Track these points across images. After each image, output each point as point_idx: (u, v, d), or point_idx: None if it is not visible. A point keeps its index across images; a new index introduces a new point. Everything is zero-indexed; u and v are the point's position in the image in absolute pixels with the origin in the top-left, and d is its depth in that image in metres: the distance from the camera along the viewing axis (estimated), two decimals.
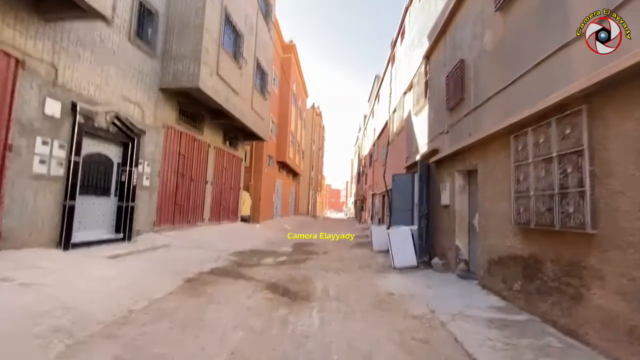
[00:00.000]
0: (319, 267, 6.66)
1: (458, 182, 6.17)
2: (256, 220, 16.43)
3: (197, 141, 9.99)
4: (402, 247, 6.81)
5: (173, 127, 8.78)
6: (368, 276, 5.97)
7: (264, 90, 13.44)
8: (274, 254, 8.33)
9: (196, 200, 10.13)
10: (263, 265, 6.64)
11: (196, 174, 10.06)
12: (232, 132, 12.45)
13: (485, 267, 4.80)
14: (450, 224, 6.35)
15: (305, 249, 9.64)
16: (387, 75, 15.44)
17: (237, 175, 13.38)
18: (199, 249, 7.61)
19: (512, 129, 4.09)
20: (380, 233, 9.76)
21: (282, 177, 22.62)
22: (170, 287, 4.47)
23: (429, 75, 8.37)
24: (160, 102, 8.23)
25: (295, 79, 23.53)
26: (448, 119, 6.72)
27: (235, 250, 8.31)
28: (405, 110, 11.34)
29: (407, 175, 9.90)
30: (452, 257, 6.23)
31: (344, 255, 8.66)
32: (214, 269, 5.86)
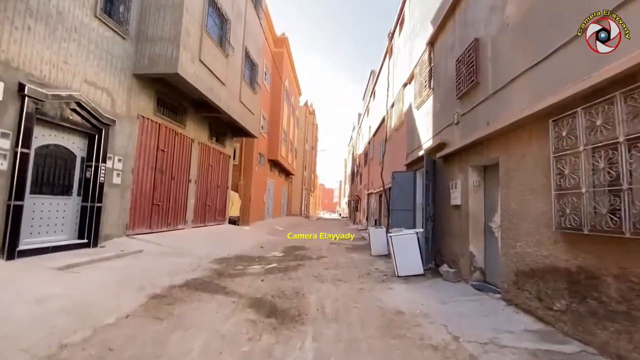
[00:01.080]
0: (313, 276, 5.84)
1: (472, 179, 5.40)
2: (246, 221, 15.53)
3: (178, 135, 9.08)
4: (406, 253, 6.02)
5: (150, 119, 7.87)
6: (370, 287, 5.17)
7: (253, 82, 12.57)
8: (262, 260, 7.48)
9: (178, 200, 9.22)
10: (249, 274, 5.78)
11: (177, 171, 9.15)
12: (218, 127, 11.55)
13: (512, 280, 4.03)
14: (463, 226, 5.59)
15: (298, 253, 8.80)
16: (384, 69, 14.69)
17: (225, 174, 12.48)
18: (177, 255, 6.72)
19: (551, 111, 3.33)
20: (379, 236, 8.99)
21: (274, 176, 21.73)
22: (129, 307, 3.60)
23: (434, 62, 7.61)
24: (134, 90, 7.32)
25: (288, 74, 22.67)
26: (458, 107, 5.96)
27: (219, 256, 7.43)
28: (405, 103, 10.59)
29: (408, 173, 9.13)
30: (464, 264, 5.46)
31: (340, 260, 7.85)
32: (190, 280, 4.98)
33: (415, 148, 8.98)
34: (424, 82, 8.26)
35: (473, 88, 5.35)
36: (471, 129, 5.37)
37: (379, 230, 9.05)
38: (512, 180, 4.14)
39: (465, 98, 5.68)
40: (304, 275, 5.88)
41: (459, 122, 5.95)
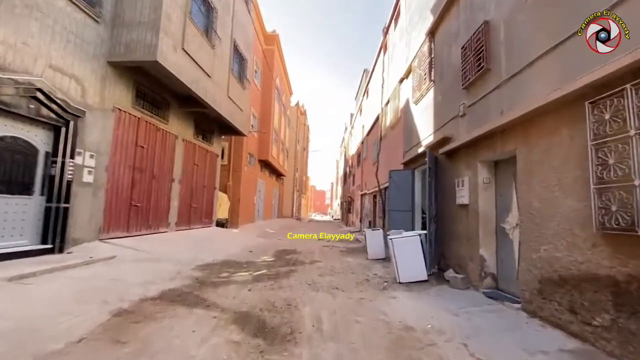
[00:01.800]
0: (307, 284, 5.26)
1: (482, 176, 4.92)
2: (235, 224, 14.84)
3: (160, 131, 8.41)
4: (409, 257, 5.50)
5: (127, 112, 7.20)
6: (370, 296, 4.62)
7: (242, 77, 11.95)
8: (251, 265, 6.86)
9: (159, 201, 8.53)
10: (234, 283, 5.17)
11: (159, 170, 8.47)
12: (205, 124, 10.89)
13: (535, 288, 3.53)
14: (471, 228, 5.09)
15: (290, 257, 8.21)
16: (379, 66, 14.25)
17: (212, 174, 11.81)
18: (155, 261, 6.06)
19: (588, 92, 2.85)
20: (376, 239, 8.46)
21: (265, 177, 21.08)
22: (85, 328, 2.97)
23: (434, 53, 7.15)
24: (109, 79, 6.65)
25: (279, 73, 22.09)
26: (464, 98, 5.49)
27: (203, 262, 6.79)
28: (401, 99, 10.13)
29: (405, 172, 8.65)
30: (474, 269, 4.96)
31: (335, 265, 7.28)
32: (166, 291, 4.35)
33: (414, 145, 8.50)
34: (423, 74, 7.79)
35: (483, 75, 4.88)
36: (480, 121, 4.89)
37: (375, 233, 8.52)
38: (534, 175, 3.66)
39: (473, 87, 5.21)
40: (296, 283, 5.30)
41: (465, 114, 5.47)
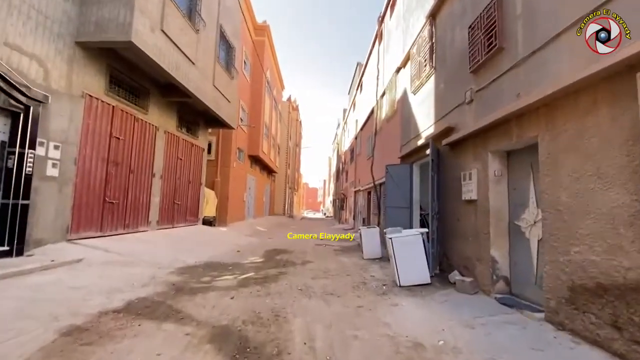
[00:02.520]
0: (298, 289, 4.71)
1: (493, 168, 4.42)
2: (223, 222, 14.19)
3: (138, 122, 7.73)
4: (410, 257, 4.99)
5: (100, 99, 6.51)
6: (369, 303, 4.09)
7: (230, 67, 11.28)
8: (237, 268, 6.28)
9: (138, 197, 7.86)
10: (216, 289, 4.59)
11: (138, 163, 7.79)
12: (189, 115, 10.21)
13: (563, 297, 3.04)
14: (479, 226, 4.60)
15: (280, 258, 7.65)
16: (373, 57, 13.70)
17: (198, 169, 11.14)
18: (129, 265, 5.43)
19: (637, 63, 2.35)
20: (371, 237, 7.96)
21: (255, 173, 20.41)
22: (19, 355, 2.37)
23: (436, 37, 6.63)
24: (78, 62, 5.96)
25: (270, 65, 21.38)
26: (472, 83, 4.98)
27: (184, 264, 6.18)
28: (398, 90, 9.61)
29: (403, 166, 8.14)
30: (483, 272, 4.47)
31: (329, 266, 6.75)
32: (133, 301, 3.75)
33: (412, 138, 7.99)
34: (423, 61, 7.27)
35: (495, 56, 4.37)
36: (491, 107, 4.39)
37: (371, 231, 8.01)
38: (561, 164, 3.16)
39: (482, 70, 4.70)
40: (286, 288, 4.74)
41: (472, 100, 4.96)
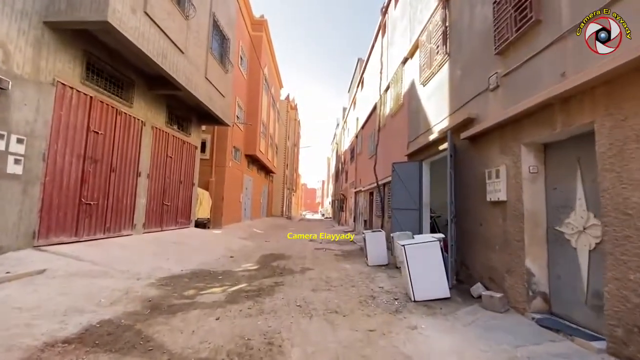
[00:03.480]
0: (296, 305, 4.02)
1: (527, 164, 3.75)
2: (218, 224, 13.49)
3: (122, 115, 7.03)
4: (426, 268, 4.31)
5: (75, 89, 5.81)
6: (382, 325, 3.41)
7: (224, 59, 10.59)
8: (227, 277, 5.58)
9: (121, 198, 7.15)
10: (200, 305, 3.90)
11: (121, 161, 7.09)
12: (180, 110, 9.51)
13: (636, 325, 2.37)
14: (509, 231, 3.93)
15: (277, 264, 6.96)
16: (376, 50, 13.04)
17: (190, 168, 10.44)
18: (101, 275, 4.73)
19: None
20: (377, 242, 7.27)
21: (252, 173, 19.71)
22: None
23: (450, 20, 5.97)
24: (48, 46, 5.26)
25: (268, 62, 20.71)
26: (498, 66, 4.31)
27: (168, 273, 5.49)
28: (404, 83, 8.95)
29: (412, 164, 7.47)
30: (515, 286, 3.79)
31: (331, 275, 6.07)
32: (94, 326, 3.04)
33: (421, 133, 7.33)
34: (434, 49, 6.61)
35: (529, 31, 3.70)
36: (525, 91, 3.72)
37: (376, 235, 7.33)
38: (630, 157, 2.49)
39: (512, 50, 4.03)
40: (283, 304, 4.05)
41: (498, 86, 4.29)
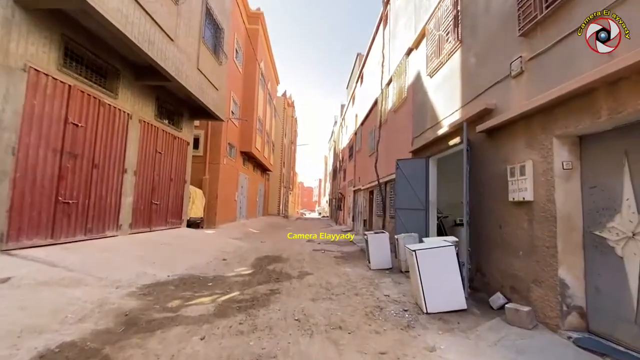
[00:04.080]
0: (295, 319, 3.53)
1: (560, 158, 3.28)
2: (212, 224, 12.98)
3: (105, 107, 6.48)
4: (440, 276, 3.84)
5: (51, 76, 5.26)
6: (394, 346, 2.93)
7: (218, 50, 10.04)
8: (218, 283, 5.08)
9: (104, 196, 6.61)
10: (184, 320, 3.40)
11: (104, 156, 6.54)
12: (170, 103, 8.97)
13: None
14: (537, 236, 3.46)
15: (273, 267, 6.46)
16: (378, 42, 12.54)
17: (181, 165, 9.90)
18: (74, 284, 4.20)
19: None
20: (380, 244, 6.79)
21: (248, 171, 19.17)
22: None
23: (463, 3, 5.48)
24: (18, 27, 4.71)
25: (264, 56, 20.14)
26: (523, 49, 3.84)
27: (153, 279, 4.97)
28: (409, 75, 8.46)
29: (418, 161, 7.00)
30: (545, 299, 3.33)
31: (331, 280, 5.59)
32: (52, 350, 2.53)
33: (428, 128, 6.85)
34: (444, 36, 6.13)
35: (563, 6, 3.22)
36: (558, 75, 3.25)
37: (379, 237, 6.85)
38: None
39: (541, 30, 3.56)
40: (279, 318, 3.56)
41: (522, 71, 3.82)
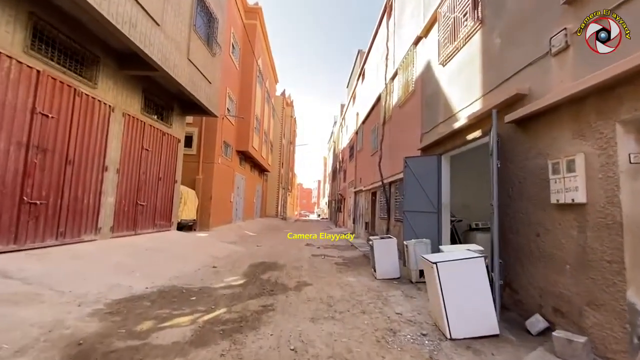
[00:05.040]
0: (290, 348, 2.86)
1: (626, 150, 2.61)
2: (205, 226, 12.28)
3: (82, 97, 5.80)
4: (468, 294, 3.17)
5: (15, 59, 4.58)
6: None
7: (211, 41, 9.38)
8: (203, 298, 4.39)
9: (81, 197, 5.92)
10: (152, 350, 2.71)
11: (80, 152, 5.86)
12: (159, 97, 8.29)
13: None
14: (592, 247, 2.80)
15: (267, 277, 5.78)
16: (381, 35, 11.89)
17: (171, 163, 9.21)
18: (28, 302, 3.51)
19: None
20: (386, 251, 6.11)
21: (245, 171, 18.49)
22: None
23: None
24: None
25: (262, 53, 19.49)
26: (567, 20, 3.18)
27: (127, 292, 4.28)
28: (417, 65, 7.81)
29: (430, 158, 6.34)
30: (606, 326, 2.65)
31: (333, 292, 4.91)
32: None
33: (441, 122, 6.19)
34: (460, 18, 5.48)
35: None
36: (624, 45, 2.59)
37: (386, 243, 6.17)
38: None
39: None
40: (270, 347, 2.87)
41: (568, 46, 3.16)
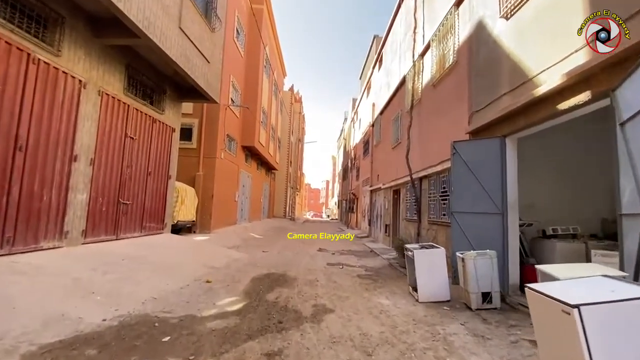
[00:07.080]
0: None
1: None
2: (206, 228, 10.97)
3: (38, 64, 4.48)
4: None
5: None
6: None
7: (209, 12, 8.03)
8: (182, 335, 3.00)
9: (38, 193, 4.59)
10: None
11: (36, 136, 4.53)
12: (148, 76, 6.96)
13: None
14: None
15: (275, 297, 4.39)
16: (405, 7, 10.39)
17: (164, 155, 7.89)
18: None
19: None
20: (432, 264, 4.64)
21: (251, 169, 17.17)
22: None
23: None
24: None
25: (269, 42, 18.16)
26: None
27: (72, 329, 2.92)
28: (460, 31, 6.33)
29: (489, 142, 4.86)
30: None
31: (366, 326, 3.48)
32: None
33: (504, 94, 4.72)
34: None
35: None
36: None
37: (432, 254, 4.70)
38: None
39: None
40: None
41: None
